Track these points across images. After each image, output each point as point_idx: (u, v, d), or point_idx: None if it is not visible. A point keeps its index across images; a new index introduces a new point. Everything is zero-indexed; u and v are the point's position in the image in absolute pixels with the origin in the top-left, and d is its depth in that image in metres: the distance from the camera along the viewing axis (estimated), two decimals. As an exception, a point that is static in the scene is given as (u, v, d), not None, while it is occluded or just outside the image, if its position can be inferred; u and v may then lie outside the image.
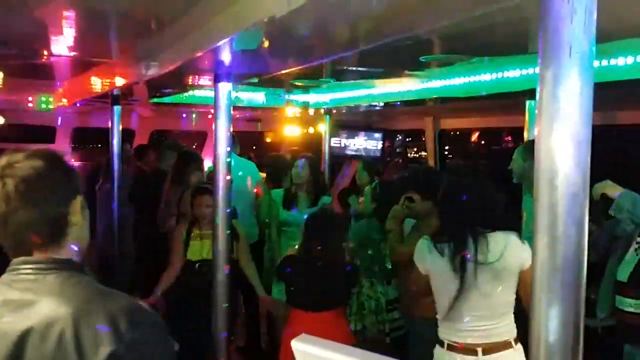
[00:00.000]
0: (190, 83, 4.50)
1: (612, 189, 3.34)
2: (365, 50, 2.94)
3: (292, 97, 6.04)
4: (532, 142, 4.35)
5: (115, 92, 5.03)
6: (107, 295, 1.46)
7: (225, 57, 3.37)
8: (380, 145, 7.84)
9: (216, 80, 3.51)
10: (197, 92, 5.78)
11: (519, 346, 2.91)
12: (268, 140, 9.89)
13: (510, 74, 4.19)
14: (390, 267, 4.51)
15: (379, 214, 4.66)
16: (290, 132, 7.80)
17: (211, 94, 5.46)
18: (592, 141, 1.35)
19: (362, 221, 4.78)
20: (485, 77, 4.38)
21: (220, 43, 3.15)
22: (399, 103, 5.68)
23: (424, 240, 3.05)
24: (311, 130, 7.88)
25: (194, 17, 3.25)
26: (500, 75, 4.26)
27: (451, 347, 2.93)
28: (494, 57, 3.90)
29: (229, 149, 3.53)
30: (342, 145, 7.67)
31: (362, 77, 4.79)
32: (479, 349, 2.85)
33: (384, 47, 2.91)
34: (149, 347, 1.41)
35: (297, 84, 5.40)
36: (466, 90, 4.50)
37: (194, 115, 7.59)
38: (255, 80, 4.33)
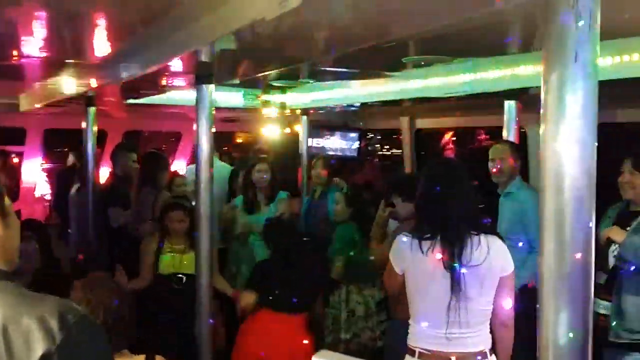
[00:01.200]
0: (170, 85, 4.43)
1: (618, 235, 3.33)
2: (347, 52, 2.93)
3: (269, 97, 6.00)
4: (516, 143, 4.43)
5: (90, 93, 4.93)
6: (36, 299, 1.44)
7: (208, 58, 3.33)
8: (356, 145, 7.83)
9: (198, 81, 3.46)
10: (172, 93, 5.68)
11: (494, 358, 2.78)
12: (239, 140, 9.80)
13: (490, 75, 4.21)
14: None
15: (358, 218, 4.65)
16: (267, 132, 7.74)
17: (187, 94, 5.47)
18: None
19: (343, 225, 4.76)
20: (465, 77, 4.40)
21: (203, 45, 3.11)
22: (375, 103, 5.70)
23: (403, 236, 2.79)
24: (287, 130, 7.84)
25: (176, 17, 3.20)
26: (479, 75, 4.28)
27: (423, 356, 2.72)
28: (475, 58, 3.93)
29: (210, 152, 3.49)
30: (319, 145, 7.64)
31: (340, 78, 4.78)
32: (453, 358, 2.68)
33: (366, 49, 2.91)
34: (83, 347, 1.39)
35: (274, 84, 5.37)
36: (445, 90, 4.51)
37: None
38: (237, 81, 4.28)
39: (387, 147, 9.39)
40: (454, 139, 8.21)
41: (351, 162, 7.96)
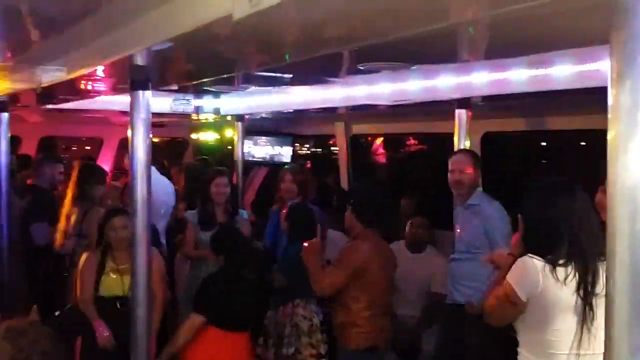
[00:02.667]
0: (100, 89, 4.05)
1: None
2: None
3: (202, 103, 5.67)
4: (476, 153, 4.32)
5: (3, 98, 4.48)
6: None
7: (145, 62, 3.04)
8: (290, 151, 7.59)
9: (133, 87, 3.15)
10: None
11: None
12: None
13: (440, 82, 4.09)
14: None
15: (292, 234, 4.42)
16: (197, 139, 7.37)
17: (110, 98, 5.09)
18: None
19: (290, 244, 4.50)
20: (414, 84, 4.26)
21: (140, 48, 2.85)
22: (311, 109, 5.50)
23: (534, 260, 2.46)
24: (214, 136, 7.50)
25: (109, 17, 2.90)
26: (430, 83, 4.15)
27: None
28: (429, 64, 3.79)
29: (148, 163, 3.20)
30: (250, 152, 7.35)
31: (287, 84, 4.53)
32: None
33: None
34: None
35: (209, 88, 5.06)
36: (394, 97, 4.36)
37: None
38: (175, 87, 3.97)
39: (321, 152, 9.22)
40: (385, 144, 8.11)
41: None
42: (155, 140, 6.10)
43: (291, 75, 4.24)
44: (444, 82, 4.05)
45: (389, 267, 3.83)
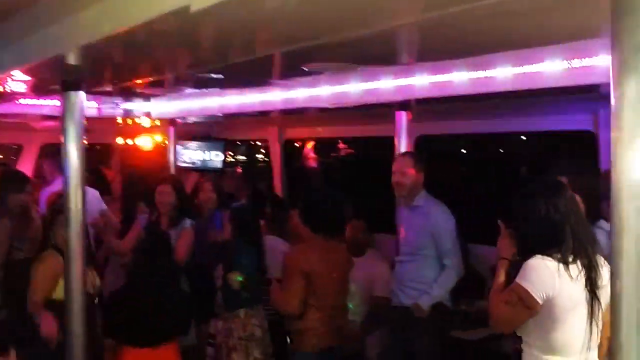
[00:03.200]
0: (25, 92, 3.78)
1: None
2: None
3: (133, 106, 5.42)
4: (419, 154, 4.32)
5: None
6: None
7: (79, 62, 2.85)
8: (221, 156, 7.41)
9: (65, 87, 2.95)
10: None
11: None
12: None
13: (381, 84, 4.07)
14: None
15: (235, 236, 4.31)
16: (125, 144, 7.06)
17: (31, 101, 4.79)
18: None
19: (241, 248, 4.35)
20: (354, 86, 4.22)
21: (72, 47, 2.68)
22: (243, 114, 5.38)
23: (546, 260, 2.45)
24: (145, 141, 7.21)
25: (39, 14, 2.70)
26: (369, 85, 4.12)
27: None
28: (371, 65, 3.76)
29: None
30: (181, 157, 7.12)
31: (224, 86, 4.39)
32: None
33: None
34: None
35: (141, 91, 4.84)
36: (334, 100, 4.30)
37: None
38: (109, 88, 3.76)
39: (255, 157, 9.09)
40: (320, 148, 8.07)
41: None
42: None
43: (226, 77, 4.13)
44: (386, 85, 4.03)
45: (340, 268, 3.75)
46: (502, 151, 6.96)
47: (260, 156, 8.80)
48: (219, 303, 4.28)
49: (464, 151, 7.30)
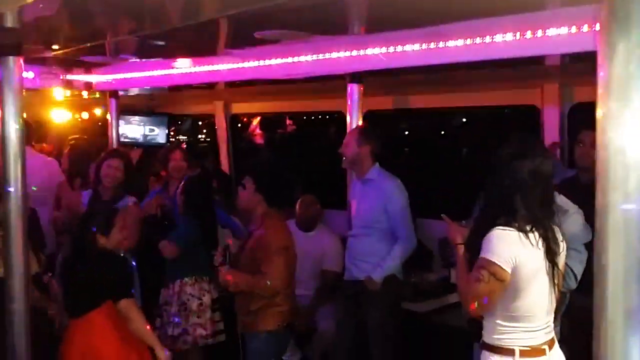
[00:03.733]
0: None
1: None
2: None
3: (72, 77, 5.17)
4: (366, 128, 4.30)
5: None
6: None
7: (17, 24, 2.68)
8: (164, 131, 7.21)
9: (2, 52, 2.77)
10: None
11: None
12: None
13: (332, 56, 4.00)
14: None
15: (187, 207, 4.23)
16: (58, 117, 6.75)
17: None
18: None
19: (184, 218, 4.25)
20: (304, 58, 4.14)
21: (10, 8, 2.53)
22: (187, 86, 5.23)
23: (507, 230, 2.42)
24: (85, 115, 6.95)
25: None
26: (320, 56, 4.05)
27: (524, 354, 2.50)
28: (323, 35, 3.69)
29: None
30: (123, 132, 6.88)
31: (170, 56, 4.23)
32: (546, 347, 2.54)
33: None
34: None
35: (83, 59, 4.62)
36: (285, 71, 4.21)
37: None
38: (49, 54, 3.56)
39: (200, 134, 8.89)
40: (267, 123, 7.97)
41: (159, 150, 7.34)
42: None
43: (172, 46, 3.98)
44: (338, 56, 3.97)
45: (293, 243, 3.71)
46: (447, 125, 7.04)
47: (205, 132, 8.62)
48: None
49: (410, 127, 7.35)
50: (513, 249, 2.41)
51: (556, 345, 2.62)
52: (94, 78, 5.27)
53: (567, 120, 5.00)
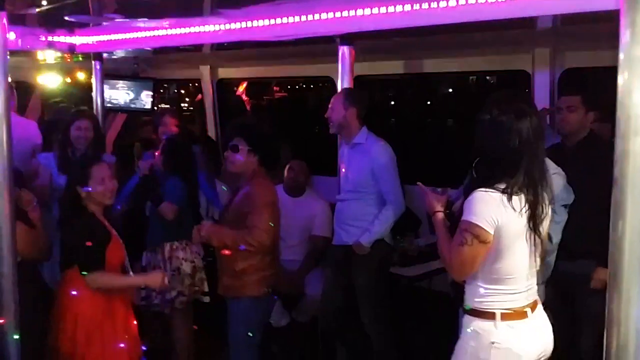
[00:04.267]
0: None
1: None
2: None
3: (55, 39, 5.03)
4: (352, 90, 4.24)
5: None
6: None
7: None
8: (150, 97, 7.09)
9: (-18, 6, 2.66)
10: None
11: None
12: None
13: (322, 16, 3.92)
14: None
15: (169, 168, 4.18)
16: (45, 82, 6.61)
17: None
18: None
19: (170, 180, 4.20)
20: (293, 19, 4.05)
21: None
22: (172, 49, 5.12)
23: (490, 192, 2.37)
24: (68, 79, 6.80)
25: None
26: (310, 17, 3.97)
27: (505, 316, 2.47)
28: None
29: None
30: (107, 97, 6.75)
31: (155, 15, 4.12)
32: (528, 310, 2.52)
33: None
34: None
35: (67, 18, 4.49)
36: (273, 33, 4.12)
37: None
38: (33, 11, 3.44)
39: (186, 99, 8.77)
40: (254, 88, 7.85)
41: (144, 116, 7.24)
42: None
43: (158, 5, 3.88)
44: (327, 16, 3.89)
45: (278, 206, 3.67)
46: (436, 92, 6.98)
47: (191, 98, 8.50)
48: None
49: (399, 93, 7.28)
50: (495, 210, 2.37)
51: (539, 307, 2.61)
52: (77, 40, 5.14)
53: (558, 86, 4.97)
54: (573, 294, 3.73)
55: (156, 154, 4.31)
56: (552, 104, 5.02)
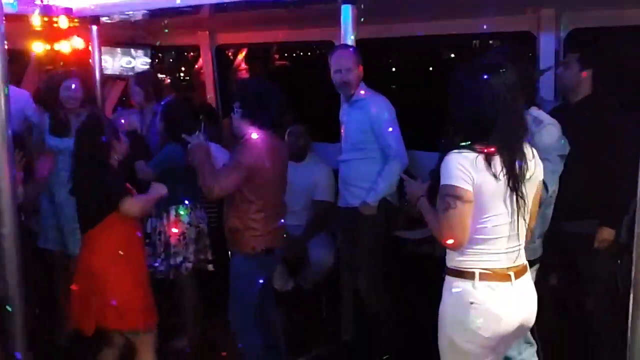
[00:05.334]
0: None
1: None
2: None
3: (50, 2, 4.91)
4: (355, 46, 4.13)
5: None
6: None
7: None
8: (147, 64, 7.00)
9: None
10: None
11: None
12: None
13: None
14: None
15: (169, 132, 4.13)
16: (37, 48, 6.46)
17: None
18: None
19: (171, 145, 4.15)
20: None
21: None
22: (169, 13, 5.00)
23: (463, 153, 2.37)
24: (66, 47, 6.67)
25: None
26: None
27: (484, 276, 2.46)
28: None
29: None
30: (105, 63, 6.64)
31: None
32: (511, 274, 2.49)
33: None
34: None
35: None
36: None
37: None
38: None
39: (185, 66, 8.65)
40: (254, 54, 7.72)
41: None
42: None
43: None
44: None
45: (281, 165, 3.63)
46: (438, 55, 6.87)
47: (189, 65, 8.39)
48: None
49: (400, 57, 7.18)
50: (470, 169, 2.36)
51: (526, 276, 2.57)
52: (73, 3, 5.03)
53: (564, 47, 4.90)
54: (576, 254, 3.72)
55: (157, 119, 4.26)
56: (557, 66, 4.96)
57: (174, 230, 4.12)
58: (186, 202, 4.15)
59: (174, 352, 4.27)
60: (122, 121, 4.48)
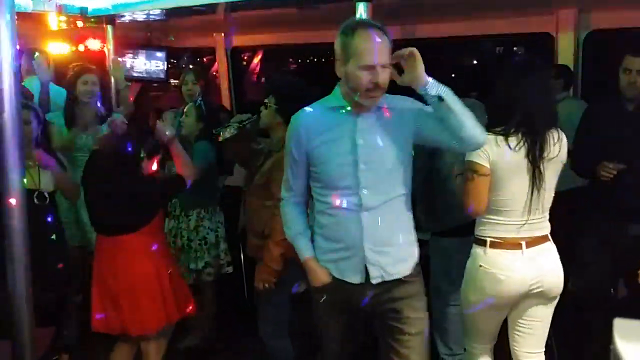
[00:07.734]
0: None
1: None
2: None
3: (65, 2, 4.91)
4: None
5: None
6: None
7: None
8: (164, 66, 6.99)
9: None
10: None
11: (552, 244, 2.87)
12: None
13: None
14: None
15: (206, 134, 4.07)
16: (57, 50, 6.51)
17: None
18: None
19: (198, 144, 4.09)
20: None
21: None
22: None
23: (486, 135, 2.59)
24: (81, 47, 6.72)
25: None
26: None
27: (494, 245, 2.78)
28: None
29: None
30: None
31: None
32: (523, 243, 2.76)
33: None
34: None
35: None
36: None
37: None
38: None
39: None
40: (270, 56, 7.70)
41: (158, 86, 7.17)
42: None
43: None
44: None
45: None
46: (456, 55, 6.79)
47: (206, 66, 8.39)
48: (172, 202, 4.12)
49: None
50: (487, 147, 2.66)
51: (544, 246, 2.80)
52: (89, 3, 5.02)
53: (583, 48, 4.82)
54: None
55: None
56: (577, 68, 4.88)
57: (195, 234, 4.07)
58: (207, 205, 4.11)
59: (185, 350, 4.24)
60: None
